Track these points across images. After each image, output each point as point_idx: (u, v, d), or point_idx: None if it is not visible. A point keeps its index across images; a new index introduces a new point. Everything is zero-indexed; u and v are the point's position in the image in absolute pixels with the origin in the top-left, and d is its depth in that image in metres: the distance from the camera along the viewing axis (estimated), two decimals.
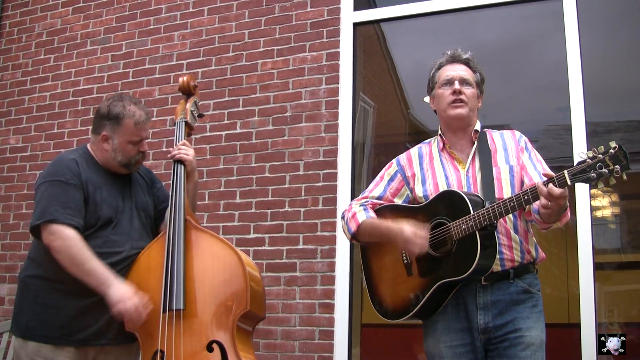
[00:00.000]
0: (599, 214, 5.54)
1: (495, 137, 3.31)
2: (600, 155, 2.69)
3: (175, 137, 3.79)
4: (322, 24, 5.69)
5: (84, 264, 3.23)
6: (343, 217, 3.44)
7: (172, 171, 3.66)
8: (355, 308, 5.26)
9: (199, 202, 5.63)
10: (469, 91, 3.26)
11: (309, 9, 5.76)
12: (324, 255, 5.26)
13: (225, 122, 5.81)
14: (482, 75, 3.35)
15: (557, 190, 2.74)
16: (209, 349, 3.23)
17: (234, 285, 3.32)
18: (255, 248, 5.45)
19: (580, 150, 2.61)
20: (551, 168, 3.17)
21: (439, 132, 3.37)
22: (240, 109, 5.78)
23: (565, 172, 2.74)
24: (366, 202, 3.42)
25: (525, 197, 2.85)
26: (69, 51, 6.64)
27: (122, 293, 3.22)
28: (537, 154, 3.27)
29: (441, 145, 3.32)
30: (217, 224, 5.61)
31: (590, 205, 4.69)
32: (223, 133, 5.79)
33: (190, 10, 6.20)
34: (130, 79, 6.28)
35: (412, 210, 3.24)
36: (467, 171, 3.20)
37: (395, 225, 3.15)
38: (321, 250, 5.27)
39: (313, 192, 5.40)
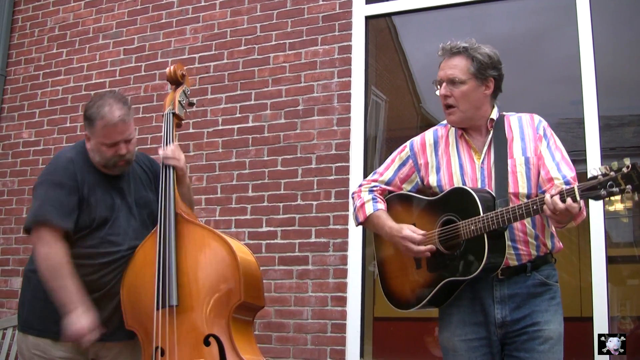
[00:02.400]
0: (611, 207, 5.51)
1: (513, 124, 3.19)
2: (612, 173, 2.64)
3: (163, 130, 3.69)
4: (334, 17, 5.69)
5: (58, 279, 3.21)
6: (353, 198, 3.42)
7: (161, 172, 3.58)
8: (367, 301, 5.26)
9: (211, 196, 5.68)
10: (458, 91, 3.12)
11: (320, 2, 5.75)
12: (336, 248, 5.26)
13: (238, 115, 5.81)
14: (483, 60, 3.12)
15: (561, 205, 2.72)
16: (206, 343, 3.22)
17: (228, 278, 3.29)
18: (268, 241, 5.46)
19: (593, 166, 2.57)
20: None
21: None
22: (252, 102, 5.79)
23: (576, 187, 2.72)
24: (375, 187, 3.37)
25: (534, 207, 2.81)
26: (81, 45, 6.66)
27: (80, 322, 3.19)
28: (557, 140, 3.15)
29: (459, 132, 3.23)
30: (229, 217, 5.62)
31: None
32: (235, 126, 5.79)
33: (202, 3, 6.20)
34: (143, 73, 6.30)
35: (424, 203, 3.22)
36: (482, 162, 3.13)
37: (397, 225, 3.18)
38: (333, 243, 5.27)
39: (325, 186, 5.40)
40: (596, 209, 4.66)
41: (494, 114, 3.19)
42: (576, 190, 2.71)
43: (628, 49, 5.34)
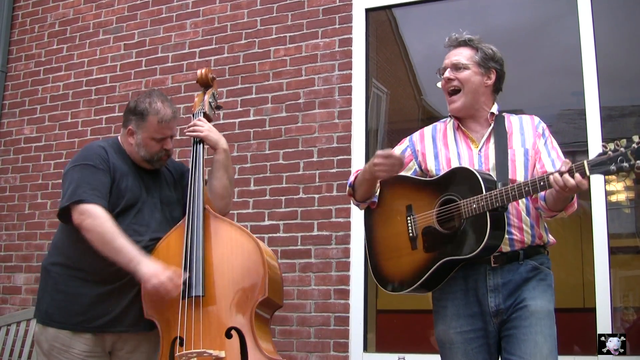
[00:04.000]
0: (613, 198, 5.52)
1: (513, 121, 3.27)
2: (622, 149, 2.63)
3: None
4: (334, 10, 5.68)
5: (114, 240, 3.23)
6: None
7: (191, 154, 3.65)
8: (370, 294, 5.27)
9: None
10: (463, 74, 3.21)
11: None
12: (339, 241, 5.26)
13: (239, 109, 5.81)
14: (487, 52, 3.25)
15: (572, 182, 2.72)
16: (228, 335, 3.23)
17: (253, 273, 3.33)
18: (270, 235, 5.47)
19: (601, 142, 2.55)
20: (565, 154, 3.16)
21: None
22: (253, 96, 5.79)
23: (585, 162, 2.71)
24: None
25: (542, 183, 2.81)
26: (82, 41, 6.66)
27: (153, 269, 3.21)
28: (554, 142, 3.22)
29: (456, 124, 3.29)
30: (231, 211, 5.61)
31: (605, 189, 4.68)
32: (236, 120, 5.79)
33: None
34: (143, 68, 6.30)
35: (422, 183, 3.25)
36: (480, 150, 3.17)
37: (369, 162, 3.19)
38: (336, 236, 5.28)
39: (327, 179, 5.40)
40: (598, 199, 4.67)
41: (495, 109, 3.26)
42: (585, 165, 2.71)
43: (629, 39, 5.33)
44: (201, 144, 3.67)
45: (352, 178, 3.37)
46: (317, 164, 5.45)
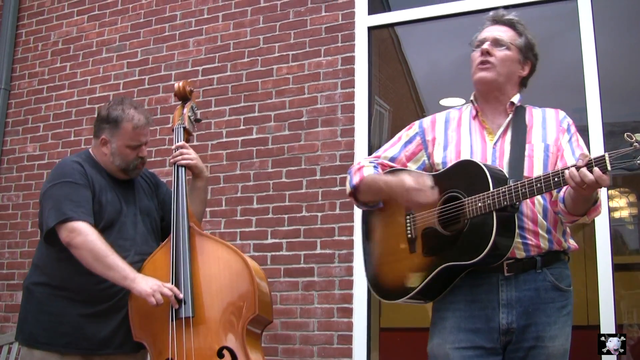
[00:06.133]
0: (617, 214, 5.51)
1: (535, 114, 2.95)
2: None
3: (174, 144, 3.74)
4: (337, 28, 5.70)
5: (106, 258, 3.20)
6: (349, 173, 3.08)
7: (173, 176, 3.61)
8: (373, 312, 5.25)
9: (216, 208, 5.67)
10: (501, 53, 2.89)
11: (323, 14, 5.76)
12: (342, 259, 5.25)
13: (242, 127, 5.82)
14: (531, 41, 2.97)
15: (590, 177, 2.38)
16: (220, 354, 3.22)
17: (242, 290, 3.31)
18: (273, 253, 5.46)
19: (627, 133, 2.30)
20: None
21: (472, 98, 3.02)
22: (256, 114, 5.79)
23: (607, 155, 2.37)
24: (377, 160, 3.08)
25: (556, 179, 2.48)
26: (85, 59, 6.67)
27: (149, 286, 3.19)
28: (580, 139, 2.89)
29: (474, 112, 2.97)
30: (234, 229, 5.62)
31: (608, 206, 4.67)
32: (239, 139, 5.80)
33: (205, 16, 6.22)
34: (146, 86, 6.31)
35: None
36: (495, 144, 2.85)
37: (394, 177, 2.81)
38: (339, 254, 5.26)
39: (330, 197, 5.39)
40: (602, 216, 4.63)
41: (516, 99, 2.94)
42: (607, 158, 2.36)
43: (631, 55, 5.34)
44: (184, 169, 3.64)
45: (356, 179, 3.00)
46: (320, 182, 5.44)
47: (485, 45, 2.91)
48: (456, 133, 2.95)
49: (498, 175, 2.67)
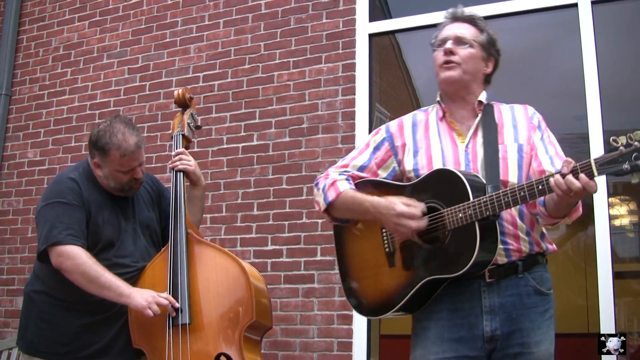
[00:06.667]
0: (617, 222, 5.51)
1: (504, 111, 2.87)
2: (636, 143, 2.21)
3: (174, 151, 3.71)
4: (338, 35, 5.70)
5: (98, 279, 3.20)
6: (317, 185, 2.96)
7: (172, 182, 3.59)
8: (373, 319, 5.24)
9: (216, 215, 5.67)
10: (464, 51, 2.81)
11: (324, 21, 5.77)
12: None
13: (242, 134, 5.82)
14: (493, 37, 2.89)
15: (577, 184, 2.31)
16: None
17: (239, 296, 3.30)
18: (273, 260, 5.45)
19: (612, 137, 2.24)
20: None
21: (437, 98, 2.92)
22: (256, 120, 5.79)
23: (592, 160, 2.29)
24: (346, 171, 2.95)
25: (540, 187, 2.40)
26: (86, 65, 6.68)
27: (144, 299, 3.20)
28: (552, 135, 2.82)
29: (440, 114, 2.88)
30: (234, 235, 5.62)
31: (609, 214, 4.66)
32: (240, 145, 5.80)
33: (206, 22, 6.23)
34: (147, 92, 6.31)
35: (399, 189, 2.79)
36: (467, 146, 2.76)
37: (384, 200, 2.68)
38: None
39: None
40: (602, 224, 4.64)
41: (483, 97, 2.86)
42: (593, 164, 2.28)
43: (632, 63, 5.35)
44: (182, 174, 3.62)
45: (331, 195, 2.87)
46: None
47: (448, 45, 2.82)
48: (425, 137, 2.86)
49: (476, 183, 2.59)
